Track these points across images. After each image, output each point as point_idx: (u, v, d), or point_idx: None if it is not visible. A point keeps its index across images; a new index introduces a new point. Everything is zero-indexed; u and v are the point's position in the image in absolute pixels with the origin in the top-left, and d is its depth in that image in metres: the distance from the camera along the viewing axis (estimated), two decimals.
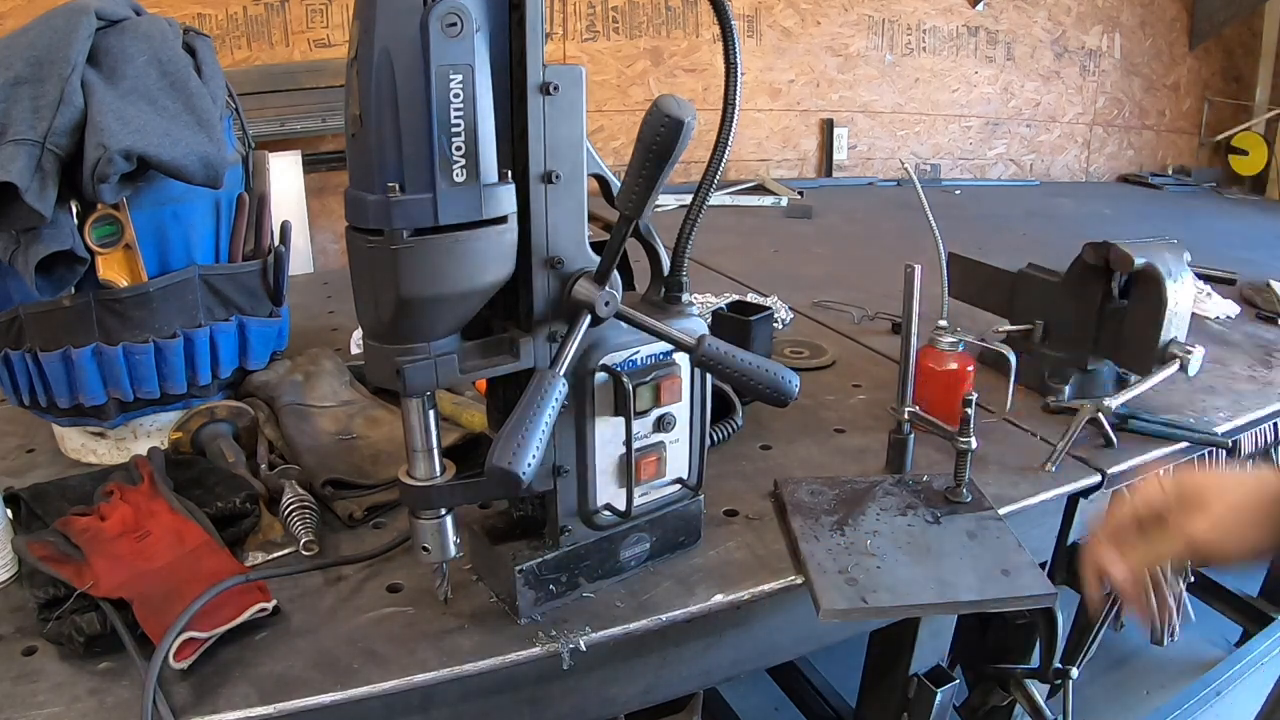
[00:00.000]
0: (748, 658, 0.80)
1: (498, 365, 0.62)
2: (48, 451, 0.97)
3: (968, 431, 0.83)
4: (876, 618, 0.74)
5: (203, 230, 0.92)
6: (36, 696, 0.60)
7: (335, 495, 0.83)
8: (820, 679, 1.50)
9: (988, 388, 1.05)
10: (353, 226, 0.55)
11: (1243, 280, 1.69)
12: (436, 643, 0.66)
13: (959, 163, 3.54)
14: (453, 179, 0.53)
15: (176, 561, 0.68)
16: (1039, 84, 3.58)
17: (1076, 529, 0.98)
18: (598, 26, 2.83)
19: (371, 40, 0.50)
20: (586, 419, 0.66)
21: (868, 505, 0.84)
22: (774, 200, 2.64)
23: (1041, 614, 0.98)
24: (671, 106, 0.53)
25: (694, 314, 0.68)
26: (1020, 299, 1.20)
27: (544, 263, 0.62)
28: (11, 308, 0.87)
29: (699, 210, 0.65)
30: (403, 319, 0.56)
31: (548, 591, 0.69)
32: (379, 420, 0.98)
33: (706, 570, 0.75)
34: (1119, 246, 1.02)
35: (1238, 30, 3.78)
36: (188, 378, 0.92)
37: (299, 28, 2.49)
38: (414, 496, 0.63)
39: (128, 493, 0.76)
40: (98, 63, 0.83)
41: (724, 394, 1.01)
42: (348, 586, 0.73)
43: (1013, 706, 1.08)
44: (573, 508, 0.69)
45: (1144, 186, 3.45)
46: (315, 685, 0.61)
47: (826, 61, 3.20)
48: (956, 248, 1.25)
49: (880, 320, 1.43)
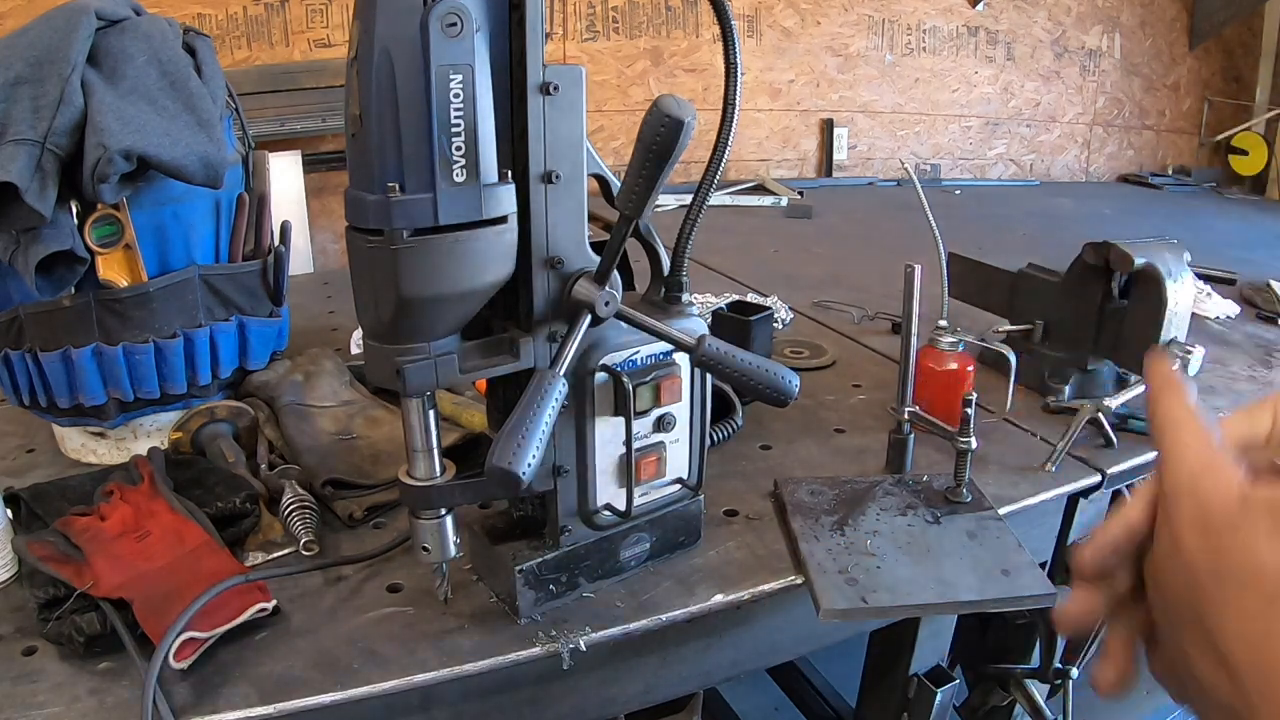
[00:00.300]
0: (748, 658, 0.80)
1: (498, 365, 0.62)
2: (48, 451, 0.97)
3: (968, 431, 0.83)
4: (876, 618, 0.74)
5: (203, 230, 0.92)
6: (36, 696, 0.60)
7: (335, 495, 0.83)
8: (820, 679, 1.50)
9: (988, 388, 1.05)
10: (353, 226, 0.55)
11: (1243, 280, 1.69)
12: (436, 643, 0.66)
13: (959, 163, 3.54)
14: (453, 179, 0.53)
15: (176, 561, 0.68)
16: (1039, 84, 3.58)
17: (1076, 529, 0.98)
18: (598, 26, 2.83)
19: (371, 40, 0.50)
20: (586, 419, 0.66)
21: (868, 505, 0.84)
22: (774, 200, 2.64)
23: (1041, 614, 0.98)
24: (671, 106, 0.53)
25: (694, 314, 0.68)
26: (1020, 299, 1.20)
27: (544, 263, 0.62)
28: (11, 308, 0.87)
29: (699, 210, 0.65)
30: (403, 319, 0.56)
31: (548, 591, 0.69)
32: (379, 420, 0.98)
33: (706, 570, 0.75)
34: (1119, 246, 1.02)
35: (1238, 30, 3.78)
36: (188, 378, 0.92)
37: (299, 28, 2.49)
38: (414, 496, 0.63)
39: (128, 493, 0.77)
40: (98, 63, 0.83)
41: (724, 394, 1.01)
42: (348, 586, 0.73)
43: (1013, 706, 1.08)
44: (573, 508, 0.69)
45: (1144, 186, 3.45)
46: (315, 685, 0.61)
47: (826, 61, 3.20)
48: (956, 248, 1.25)
49: (880, 320, 1.43)
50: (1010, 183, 3.48)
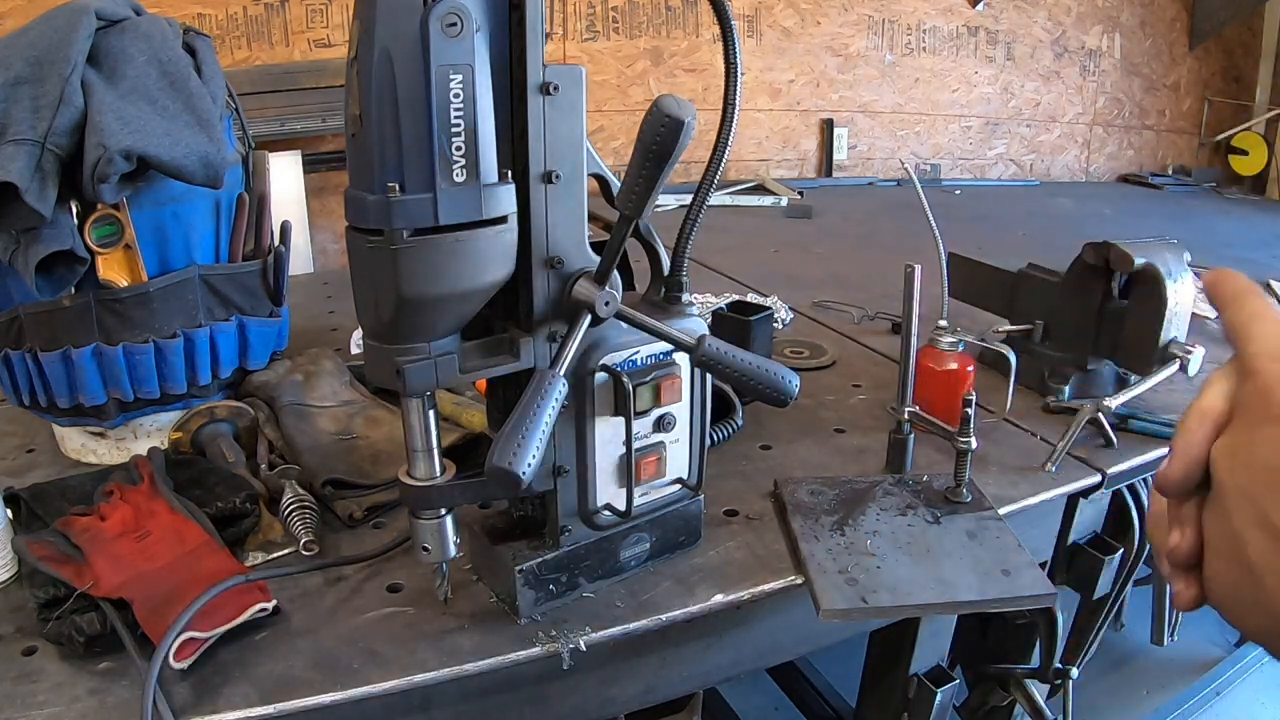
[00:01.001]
0: (748, 658, 0.80)
1: (498, 365, 0.62)
2: (48, 451, 0.97)
3: (968, 431, 0.83)
4: (876, 618, 0.74)
5: (203, 230, 0.92)
6: (36, 696, 0.60)
7: (335, 495, 0.83)
8: (820, 679, 1.50)
9: (988, 388, 1.06)
10: (353, 226, 0.55)
11: None
12: (436, 643, 0.66)
13: (959, 163, 3.54)
14: (453, 179, 0.53)
15: (176, 561, 0.68)
16: (1039, 84, 3.58)
17: (1076, 529, 0.98)
18: (598, 26, 2.83)
19: (371, 40, 0.50)
20: (586, 419, 0.66)
21: (868, 505, 0.84)
22: (774, 200, 2.64)
23: (1041, 614, 0.98)
24: (671, 106, 0.53)
25: (694, 314, 0.68)
26: (1020, 299, 1.20)
27: (544, 263, 0.62)
28: (11, 308, 0.87)
29: (699, 210, 0.65)
30: (403, 319, 0.56)
31: (548, 591, 0.69)
32: (379, 420, 0.98)
33: (706, 570, 0.75)
34: (1119, 246, 1.02)
35: (1238, 30, 3.78)
36: (188, 378, 0.92)
37: (299, 28, 2.49)
38: (414, 496, 0.63)
39: (128, 493, 0.77)
40: (98, 63, 0.83)
41: (724, 394, 1.01)
42: (348, 586, 0.73)
43: (1013, 706, 1.08)
44: (573, 508, 0.69)
45: (1144, 186, 3.45)
46: (315, 685, 0.61)
47: (826, 61, 3.20)
48: (956, 248, 1.25)
49: (880, 320, 1.43)
50: (1010, 183, 3.48)
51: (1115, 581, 1.03)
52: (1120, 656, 1.88)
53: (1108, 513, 1.02)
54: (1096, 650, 1.13)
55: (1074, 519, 0.97)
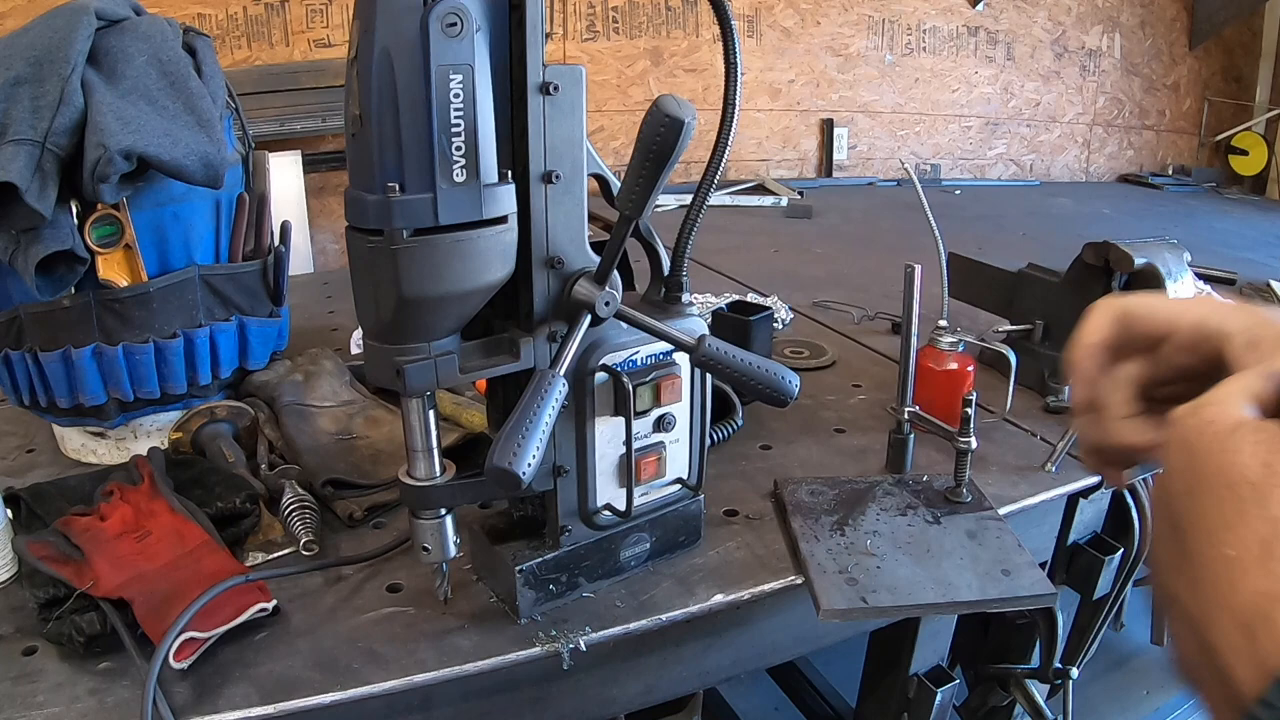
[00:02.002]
0: (748, 658, 0.80)
1: (498, 365, 0.62)
2: (48, 451, 0.97)
3: (968, 431, 0.83)
4: (876, 618, 0.74)
5: (203, 230, 0.92)
6: (36, 696, 0.60)
7: (335, 495, 0.83)
8: (820, 679, 1.50)
9: (988, 388, 1.06)
10: (353, 226, 0.55)
11: (1243, 280, 1.69)
12: (436, 643, 0.66)
13: (959, 163, 3.54)
14: (453, 179, 0.53)
15: (176, 561, 0.68)
16: (1039, 84, 3.58)
17: (1076, 529, 0.98)
18: (598, 26, 2.84)
19: (371, 40, 0.50)
20: (586, 419, 0.66)
21: (868, 505, 0.84)
22: (774, 200, 2.64)
23: (1041, 614, 0.98)
24: (671, 106, 0.53)
25: (694, 314, 0.68)
26: (1020, 299, 1.20)
27: (544, 263, 0.62)
28: (11, 308, 0.87)
29: (699, 210, 0.65)
30: (403, 319, 0.56)
31: (548, 591, 0.69)
32: (379, 420, 0.98)
33: (706, 570, 0.75)
34: (1119, 246, 1.02)
35: (1238, 30, 3.78)
36: (188, 378, 0.92)
37: (299, 28, 2.49)
38: (414, 496, 0.63)
39: (128, 493, 0.77)
40: (98, 63, 0.83)
41: (724, 394, 1.01)
42: (348, 586, 0.73)
43: (1013, 706, 1.08)
44: (573, 508, 0.69)
45: (1144, 186, 3.45)
46: (315, 685, 0.61)
47: (826, 61, 3.20)
48: (956, 248, 1.25)
49: (880, 320, 1.43)
50: (1010, 183, 3.49)
51: (1115, 581, 1.03)
52: (1120, 656, 1.88)
53: (1108, 513, 1.02)
54: (1096, 650, 1.13)
55: (1074, 519, 0.97)
